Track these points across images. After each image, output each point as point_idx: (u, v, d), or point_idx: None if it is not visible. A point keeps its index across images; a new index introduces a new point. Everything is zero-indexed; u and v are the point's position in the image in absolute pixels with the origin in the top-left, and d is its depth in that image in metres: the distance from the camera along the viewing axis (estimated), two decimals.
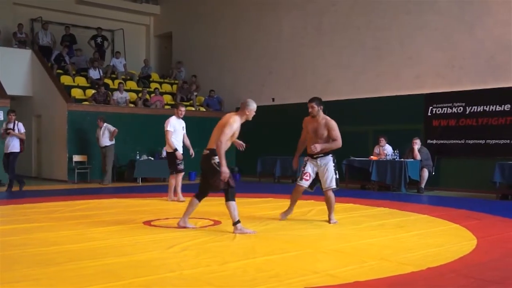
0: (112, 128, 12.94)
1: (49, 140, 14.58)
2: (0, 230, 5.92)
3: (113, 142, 13.06)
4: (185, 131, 9.27)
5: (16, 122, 11.02)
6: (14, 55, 14.96)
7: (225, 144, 5.56)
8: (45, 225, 6.25)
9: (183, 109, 9.28)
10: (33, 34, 16.56)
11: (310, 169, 6.51)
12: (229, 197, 5.67)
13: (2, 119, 12.33)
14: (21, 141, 10.98)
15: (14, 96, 14.60)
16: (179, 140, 9.10)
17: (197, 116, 15.02)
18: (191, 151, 9.38)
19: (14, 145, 10.87)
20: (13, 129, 10.87)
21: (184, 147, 9.24)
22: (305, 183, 6.49)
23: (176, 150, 8.93)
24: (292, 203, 6.70)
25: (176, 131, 9.04)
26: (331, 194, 6.46)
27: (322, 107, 6.64)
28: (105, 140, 12.92)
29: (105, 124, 12.96)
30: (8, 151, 10.88)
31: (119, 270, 4.04)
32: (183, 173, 9.17)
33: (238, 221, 5.73)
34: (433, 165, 11.35)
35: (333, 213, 6.56)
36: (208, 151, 5.69)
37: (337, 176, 6.55)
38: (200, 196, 5.98)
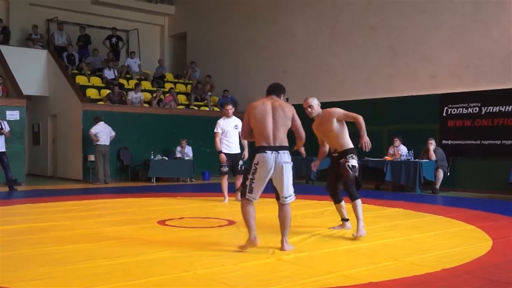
0: (113, 132, 13.04)
1: (65, 139, 14.71)
2: (16, 228, 5.99)
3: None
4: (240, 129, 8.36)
5: (1, 120, 11.11)
6: (30, 56, 15.10)
7: None
8: (61, 224, 6.31)
9: (228, 107, 8.77)
10: (49, 35, 16.72)
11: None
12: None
13: (18, 118, 12.45)
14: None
15: (31, 96, 14.76)
16: (231, 142, 8.62)
17: (211, 116, 15.03)
18: (244, 153, 8.75)
19: (2, 145, 10.94)
20: (2, 128, 10.94)
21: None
22: None
23: (220, 152, 8.53)
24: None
25: (226, 132, 8.59)
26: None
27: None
28: (106, 139, 12.98)
29: (103, 123, 13.03)
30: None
31: (133, 269, 4.07)
32: (226, 176, 8.69)
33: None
34: (448, 165, 11.26)
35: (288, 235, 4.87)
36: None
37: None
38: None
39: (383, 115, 12.87)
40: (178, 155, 14.19)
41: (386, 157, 11.67)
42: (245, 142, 8.70)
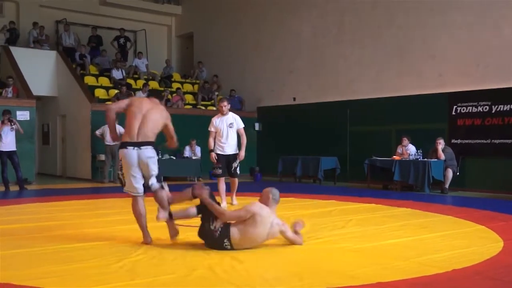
0: (122, 129, 13.00)
1: (74, 139, 14.77)
2: (26, 227, 6.01)
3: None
4: (237, 127, 8.04)
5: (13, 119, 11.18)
6: (39, 57, 15.20)
7: None
8: (70, 223, 6.32)
9: (223, 104, 8.05)
10: (58, 36, 16.79)
11: None
12: None
13: (28, 118, 12.50)
14: None
15: (40, 97, 14.83)
16: (224, 141, 7.95)
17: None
18: (240, 154, 8.04)
19: (13, 144, 11.01)
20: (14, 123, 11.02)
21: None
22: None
23: (211, 151, 8.01)
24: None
25: (220, 130, 7.95)
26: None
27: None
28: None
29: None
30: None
31: (141, 268, 4.06)
32: (222, 178, 8.01)
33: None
34: (457, 165, 11.17)
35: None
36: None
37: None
38: None
39: (391, 114, 12.81)
40: (187, 154, 14.21)
41: (394, 156, 11.60)
42: (244, 142, 8.02)
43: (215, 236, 4.62)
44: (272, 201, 4.83)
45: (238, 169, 8.14)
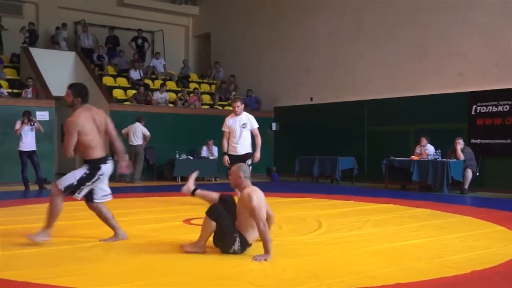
0: (147, 132, 13.11)
1: None
2: None
3: (140, 142, 13.16)
4: (251, 127, 7.83)
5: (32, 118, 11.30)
6: (58, 57, 15.37)
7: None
8: (89, 222, 6.38)
9: (235, 104, 7.85)
10: (76, 37, 16.97)
11: None
12: None
13: (47, 119, 12.66)
14: None
15: (59, 97, 14.98)
16: (236, 142, 7.75)
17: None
18: (255, 155, 7.79)
19: (33, 144, 11.15)
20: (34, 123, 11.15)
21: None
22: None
23: (224, 154, 7.88)
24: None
25: (233, 131, 7.76)
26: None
27: (79, 98, 5.22)
28: (138, 139, 13.08)
29: (138, 124, 13.13)
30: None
31: (159, 267, 4.09)
32: None
33: None
34: (477, 165, 11.04)
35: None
36: None
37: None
38: None
39: (410, 114, 12.72)
40: (204, 154, 14.27)
41: (412, 156, 11.51)
42: (259, 142, 7.81)
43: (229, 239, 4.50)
44: (245, 179, 4.69)
45: (251, 169, 7.97)
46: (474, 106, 11.56)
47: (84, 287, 3.55)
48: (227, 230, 4.47)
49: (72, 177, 5.05)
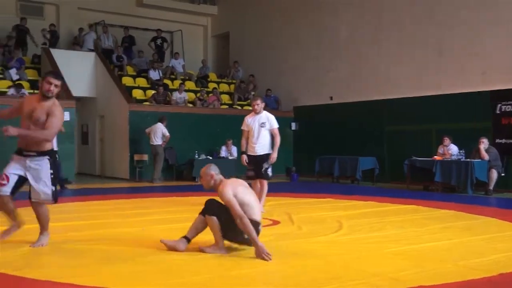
0: (167, 133, 13.15)
1: (112, 139, 15.05)
2: (67, 226, 6.16)
3: (160, 142, 13.21)
4: (270, 127, 7.59)
5: None
6: (79, 58, 15.53)
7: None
8: (109, 222, 6.43)
9: (255, 102, 7.65)
10: (97, 37, 17.10)
11: (12, 170, 4.68)
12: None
13: (68, 119, 12.77)
14: None
15: (79, 98, 15.16)
16: (254, 142, 7.55)
17: None
18: (272, 155, 7.52)
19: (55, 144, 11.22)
20: None
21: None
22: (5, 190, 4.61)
23: (242, 153, 7.75)
24: (8, 216, 4.92)
25: (252, 130, 7.57)
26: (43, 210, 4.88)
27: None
28: (158, 139, 13.15)
29: (160, 124, 13.20)
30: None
31: (178, 267, 4.09)
32: (254, 181, 7.49)
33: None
34: (502, 165, 10.84)
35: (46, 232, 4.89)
36: None
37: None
38: None
39: (432, 113, 12.56)
40: (223, 154, 14.29)
41: (435, 156, 11.36)
42: (277, 143, 7.55)
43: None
44: (217, 176, 4.67)
45: (269, 170, 7.56)
46: (499, 105, 11.35)
47: (104, 286, 3.55)
48: (230, 218, 4.42)
49: (48, 187, 4.75)
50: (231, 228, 4.46)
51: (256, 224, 4.50)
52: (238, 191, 4.53)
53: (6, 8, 16.20)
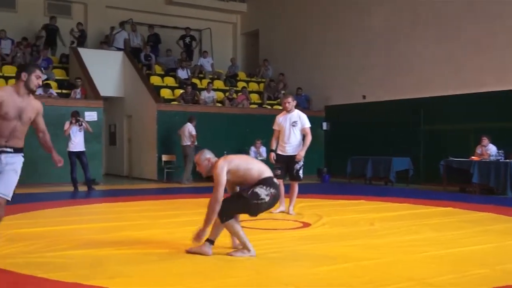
0: (194, 131, 13.24)
1: (139, 140, 15.24)
2: (93, 227, 6.28)
3: (188, 143, 13.30)
4: (302, 126, 7.50)
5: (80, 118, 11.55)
6: (107, 57, 15.76)
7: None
8: (137, 224, 6.53)
9: (286, 100, 7.56)
10: (127, 36, 17.32)
11: None
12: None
13: (95, 119, 13.01)
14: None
15: (107, 97, 15.41)
16: (285, 141, 7.45)
17: None
18: (299, 153, 7.44)
19: (82, 144, 11.41)
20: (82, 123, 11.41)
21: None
22: None
23: (271, 151, 7.72)
24: None
25: (283, 129, 7.50)
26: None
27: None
28: (187, 139, 13.28)
29: (188, 124, 13.31)
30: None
31: (206, 269, 4.13)
32: (280, 180, 7.15)
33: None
34: None
35: None
36: None
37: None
38: None
39: (469, 112, 12.36)
40: (252, 155, 14.32)
41: (473, 157, 11.17)
42: (307, 142, 7.46)
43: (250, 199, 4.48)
44: (213, 159, 4.68)
45: (301, 172, 7.53)
46: None
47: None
48: (243, 199, 4.47)
49: (13, 183, 4.33)
50: (249, 201, 4.48)
51: (269, 180, 4.56)
52: (233, 163, 4.58)
53: (33, 7, 16.56)
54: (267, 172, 4.65)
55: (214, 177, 4.55)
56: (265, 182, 4.55)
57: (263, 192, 4.50)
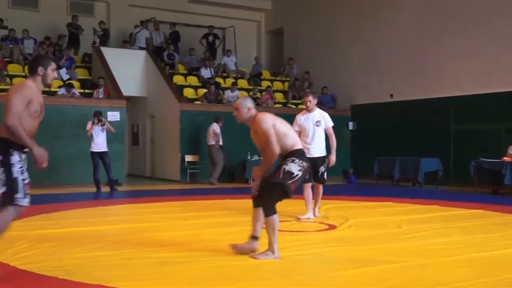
0: (217, 130, 13.33)
1: (162, 140, 15.36)
2: (117, 228, 6.36)
3: (213, 142, 13.39)
4: (325, 126, 7.36)
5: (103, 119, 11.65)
6: (129, 57, 15.88)
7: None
8: (160, 225, 6.60)
9: (307, 98, 7.39)
10: (149, 35, 17.48)
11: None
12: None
13: (118, 119, 13.15)
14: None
15: (130, 97, 15.58)
16: (309, 142, 7.21)
17: None
18: (329, 158, 7.36)
19: (104, 145, 11.52)
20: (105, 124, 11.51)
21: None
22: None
23: None
24: None
25: (305, 129, 7.30)
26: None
27: None
28: (211, 139, 13.37)
29: (214, 124, 13.40)
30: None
31: (231, 272, 4.16)
32: (307, 184, 7.08)
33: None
34: None
35: None
36: None
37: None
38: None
39: (501, 111, 12.19)
40: None
41: (505, 158, 11.01)
42: (334, 143, 7.35)
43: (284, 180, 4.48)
44: (254, 110, 4.69)
45: (325, 174, 7.41)
46: None
47: None
48: (279, 186, 4.47)
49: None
50: (285, 176, 4.48)
51: (301, 152, 4.60)
52: (276, 122, 4.60)
53: (56, 6, 16.81)
54: (299, 144, 4.68)
55: (263, 130, 4.53)
56: (297, 154, 4.55)
57: (295, 168, 4.50)
